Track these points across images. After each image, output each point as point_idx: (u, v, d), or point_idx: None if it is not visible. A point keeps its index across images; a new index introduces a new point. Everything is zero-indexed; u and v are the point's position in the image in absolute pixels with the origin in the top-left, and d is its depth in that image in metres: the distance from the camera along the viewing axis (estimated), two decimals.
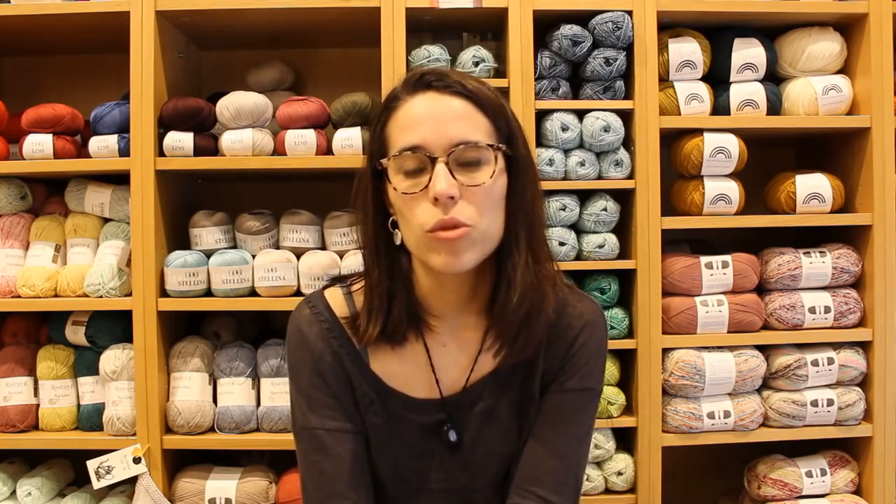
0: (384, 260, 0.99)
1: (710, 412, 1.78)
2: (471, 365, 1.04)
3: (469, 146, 0.92)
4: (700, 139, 1.80)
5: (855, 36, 1.86)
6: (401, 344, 1.02)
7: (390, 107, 0.97)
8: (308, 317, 1.05)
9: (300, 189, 2.03)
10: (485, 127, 0.95)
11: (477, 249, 0.94)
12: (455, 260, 0.92)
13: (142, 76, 1.74)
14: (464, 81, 0.95)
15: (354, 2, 1.76)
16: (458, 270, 0.94)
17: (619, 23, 1.75)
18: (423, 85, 0.96)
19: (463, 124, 0.93)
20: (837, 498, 1.82)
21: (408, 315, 1.00)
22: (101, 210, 1.84)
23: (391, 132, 0.96)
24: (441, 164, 0.91)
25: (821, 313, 1.82)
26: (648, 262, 1.78)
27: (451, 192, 0.90)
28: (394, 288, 1.00)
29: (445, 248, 0.92)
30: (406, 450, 1.04)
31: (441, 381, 1.03)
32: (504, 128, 0.97)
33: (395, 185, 0.94)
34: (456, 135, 0.92)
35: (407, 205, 0.93)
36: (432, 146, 0.91)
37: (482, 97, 0.95)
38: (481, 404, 1.03)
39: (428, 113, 0.93)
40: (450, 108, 0.93)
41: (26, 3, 1.77)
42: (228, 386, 1.78)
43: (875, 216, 1.82)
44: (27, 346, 1.86)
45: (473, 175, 0.92)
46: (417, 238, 0.94)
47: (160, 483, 1.73)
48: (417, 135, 0.92)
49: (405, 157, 0.92)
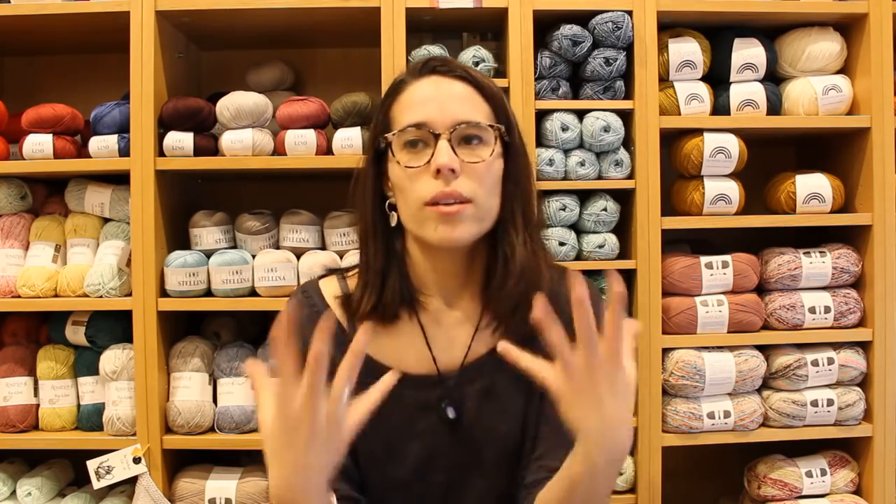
0: (380, 239, 1.04)
1: (710, 412, 1.78)
2: (468, 343, 1.05)
3: (471, 125, 0.98)
4: (700, 139, 1.80)
5: (855, 36, 1.86)
6: (393, 322, 1.04)
7: (395, 91, 1.03)
8: (298, 302, 1.07)
9: (300, 189, 2.03)
10: (485, 111, 1.01)
11: (474, 224, 0.98)
12: (451, 232, 0.96)
13: (142, 76, 1.74)
14: (467, 68, 1.03)
15: (354, 2, 1.76)
16: (453, 244, 0.97)
17: (619, 23, 1.75)
18: (429, 69, 1.02)
19: (465, 105, 0.99)
20: (837, 498, 1.82)
21: (401, 293, 1.03)
22: (101, 210, 1.84)
23: (395, 112, 1.02)
24: (444, 139, 0.96)
25: (821, 313, 1.82)
26: (648, 262, 1.78)
27: (452, 165, 0.95)
28: (388, 267, 1.03)
29: (443, 221, 0.96)
30: (402, 429, 1.04)
31: (438, 359, 1.05)
32: (503, 116, 1.02)
33: (398, 159, 0.99)
34: (459, 114, 0.98)
35: (409, 179, 0.98)
36: (436, 123, 0.97)
37: (484, 85, 1.02)
38: (480, 382, 1.05)
39: (432, 93, 1.00)
40: (453, 91, 1.00)
41: (26, 3, 1.77)
42: (228, 386, 1.78)
43: (875, 216, 1.82)
44: (27, 346, 1.86)
45: (474, 152, 0.98)
46: (415, 211, 0.98)
47: (160, 483, 1.73)
48: (422, 112, 0.98)
49: (409, 132, 0.98)
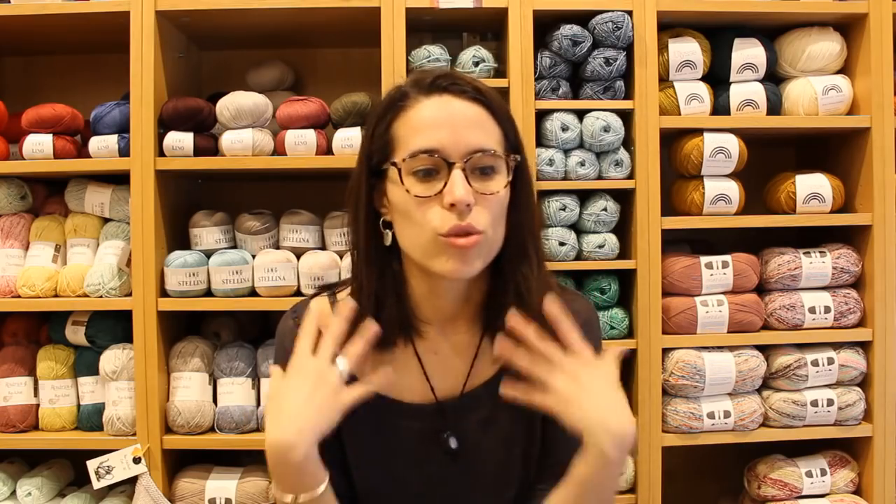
0: (374, 261, 0.98)
1: (710, 412, 1.78)
2: (466, 371, 1.03)
3: (486, 154, 0.92)
4: (700, 139, 1.80)
5: (855, 36, 1.86)
6: (388, 350, 1.00)
7: (398, 105, 0.96)
8: (290, 329, 1.02)
9: (300, 189, 2.03)
10: (497, 135, 0.95)
11: (484, 257, 0.94)
12: (464, 266, 0.92)
13: (142, 76, 1.74)
14: (478, 86, 0.96)
15: (354, 2, 1.76)
16: (464, 277, 0.94)
17: (619, 23, 1.75)
18: (438, 88, 0.95)
19: (479, 131, 0.93)
20: (837, 498, 1.82)
21: (399, 320, 0.99)
22: (101, 210, 1.84)
23: (400, 131, 0.95)
24: (458, 169, 0.90)
25: (821, 313, 1.82)
26: (648, 262, 1.78)
27: (468, 200, 0.89)
28: (382, 290, 0.98)
29: (456, 255, 0.91)
30: (401, 458, 1.02)
31: (436, 388, 1.02)
32: (513, 137, 0.97)
33: (407, 188, 0.92)
34: (473, 141, 0.92)
35: (418, 208, 0.92)
36: (449, 151, 0.91)
37: (496, 106, 0.96)
38: (480, 411, 1.02)
39: (444, 117, 0.93)
40: (466, 114, 0.93)
41: (26, 3, 1.77)
42: (228, 386, 1.78)
43: (875, 216, 1.82)
44: (27, 346, 1.86)
45: (487, 183, 0.93)
46: (426, 243, 0.92)
47: (160, 483, 1.73)
48: (434, 138, 0.91)
49: (420, 159, 0.91)
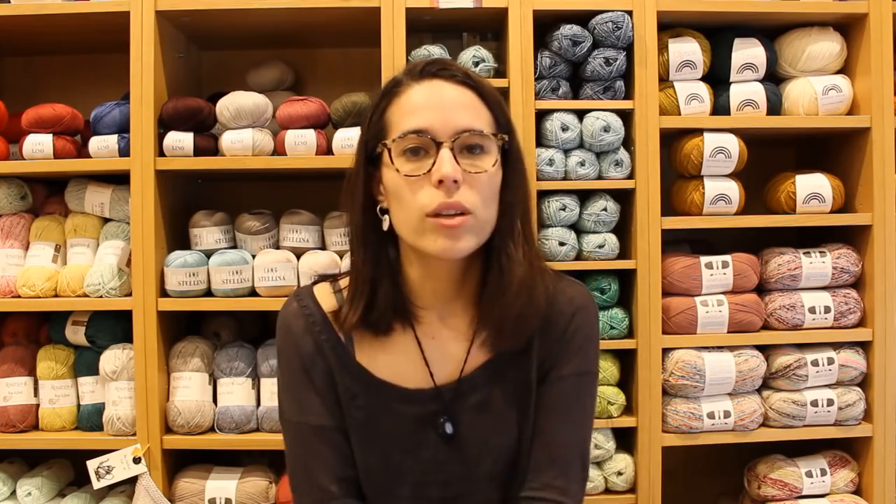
0: (370, 246, 1.01)
1: (710, 412, 1.78)
2: (464, 356, 1.04)
3: (474, 133, 0.94)
4: (700, 139, 1.80)
5: (855, 36, 1.86)
6: (387, 334, 1.03)
7: (392, 92, 0.99)
8: (295, 311, 1.05)
9: (300, 189, 2.03)
10: (487, 118, 0.98)
11: (474, 237, 0.95)
12: (453, 245, 0.93)
13: (142, 76, 1.74)
14: (467, 72, 0.99)
15: (354, 2, 1.76)
16: (454, 256, 0.95)
17: (619, 23, 1.75)
18: (429, 73, 0.98)
19: (468, 113, 0.96)
20: (837, 498, 1.82)
21: (393, 304, 1.01)
22: (101, 210, 1.84)
23: (393, 116, 0.98)
24: (446, 148, 0.93)
25: (821, 313, 1.82)
26: (648, 262, 1.78)
27: (455, 176, 0.92)
28: (378, 275, 1.00)
29: (444, 233, 0.93)
30: (397, 443, 1.03)
31: (434, 373, 1.03)
32: (504, 123, 0.99)
33: (397, 167, 0.95)
34: (461, 122, 0.94)
35: (408, 187, 0.94)
36: (438, 131, 0.93)
37: (486, 90, 0.99)
38: (476, 395, 1.03)
39: (434, 99, 0.96)
40: (455, 96, 0.96)
41: (26, 3, 1.77)
42: (228, 386, 1.78)
43: (875, 216, 1.82)
44: (27, 346, 1.86)
45: (476, 162, 0.95)
46: (415, 222, 0.94)
47: (160, 483, 1.73)
48: (423, 118, 0.94)
49: (409, 139, 0.94)
